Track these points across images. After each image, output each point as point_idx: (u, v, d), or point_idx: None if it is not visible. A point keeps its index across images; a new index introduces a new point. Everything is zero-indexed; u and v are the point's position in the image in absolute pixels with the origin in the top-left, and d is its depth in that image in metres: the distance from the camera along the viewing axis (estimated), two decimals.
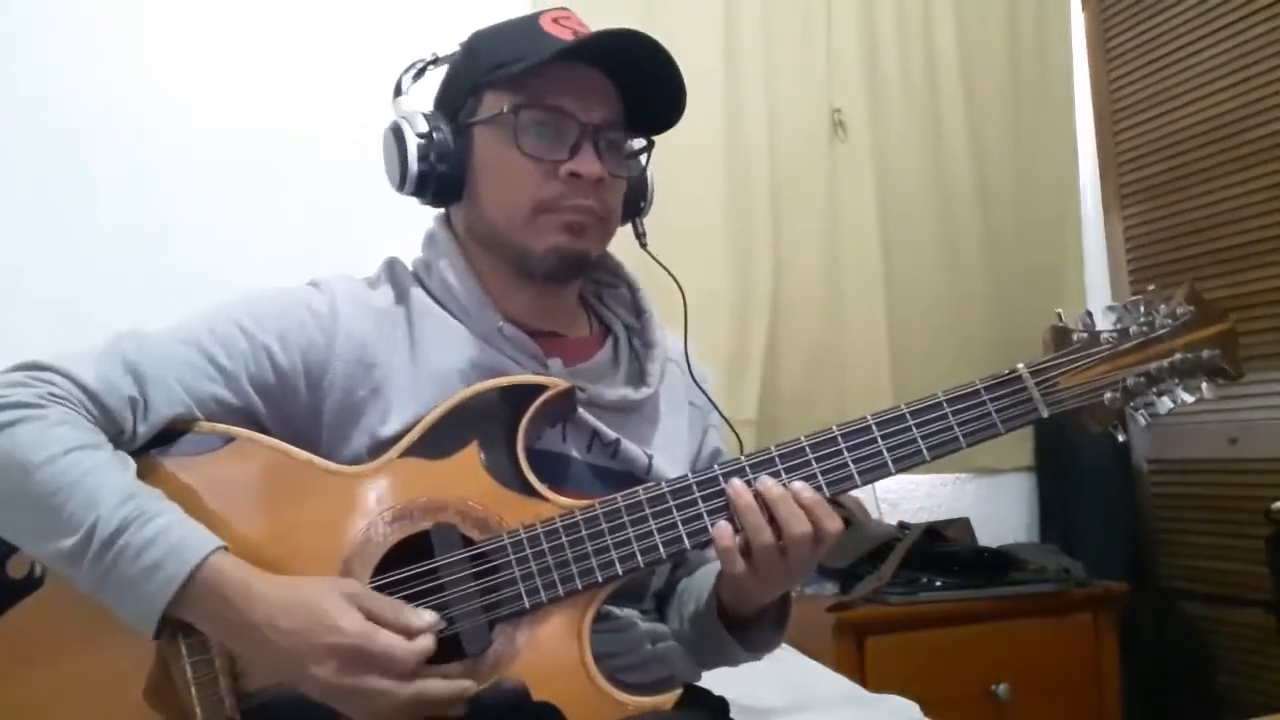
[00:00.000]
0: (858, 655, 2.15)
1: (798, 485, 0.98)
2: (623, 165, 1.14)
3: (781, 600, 1.10)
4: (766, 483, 0.98)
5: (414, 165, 1.10)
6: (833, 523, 0.98)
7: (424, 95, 1.17)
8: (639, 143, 1.18)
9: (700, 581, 1.17)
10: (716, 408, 1.25)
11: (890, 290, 2.67)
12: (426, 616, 0.92)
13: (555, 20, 1.10)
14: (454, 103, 1.13)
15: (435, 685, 0.90)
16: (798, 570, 1.00)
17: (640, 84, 1.10)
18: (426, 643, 0.91)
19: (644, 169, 1.19)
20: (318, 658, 0.88)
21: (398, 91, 1.16)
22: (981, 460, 2.74)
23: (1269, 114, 2.50)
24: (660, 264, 1.20)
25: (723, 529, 0.97)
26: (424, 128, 1.10)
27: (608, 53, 1.08)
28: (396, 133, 1.11)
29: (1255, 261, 2.54)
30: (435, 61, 1.16)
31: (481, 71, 1.10)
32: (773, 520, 0.97)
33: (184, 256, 2.13)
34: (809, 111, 2.64)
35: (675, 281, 1.20)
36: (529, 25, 1.10)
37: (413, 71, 1.17)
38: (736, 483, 0.98)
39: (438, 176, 1.11)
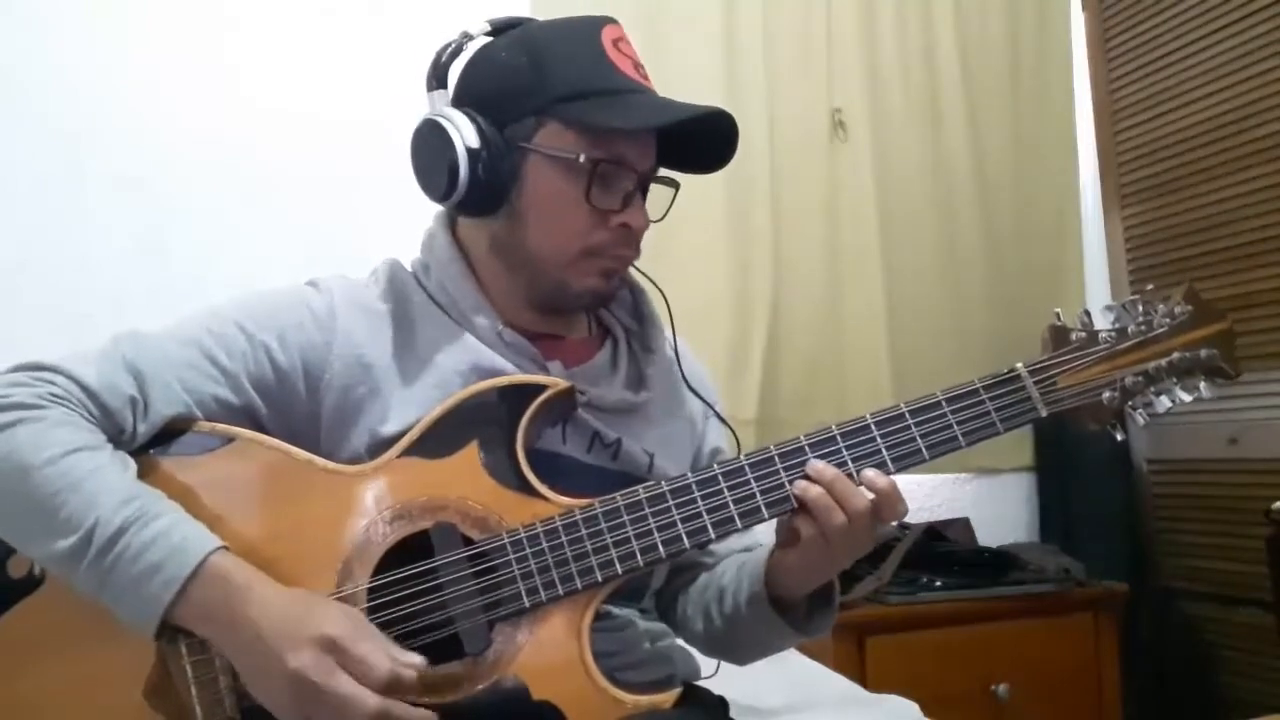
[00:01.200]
0: (858, 655, 2.15)
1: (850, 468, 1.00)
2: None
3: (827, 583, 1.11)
4: (818, 464, 0.99)
5: (464, 178, 1.05)
6: (901, 502, 1.00)
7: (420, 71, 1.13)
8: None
9: (726, 578, 1.16)
10: (714, 409, 1.24)
11: (890, 290, 2.67)
12: (414, 658, 0.90)
13: (615, 45, 1.09)
14: (508, 115, 1.07)
15: (402, 708, 0.88)
16: (861, 546, 1.02)
17: (691, 135, 1.10)
18: (408, 674, 0.88)
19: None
20: (295, 646, 0.87)
21: (441, 82, 1.11)
22: (981, 460, 2.74)
23: (1269, 114, 2.49)
24: (642, 273, 1.20)
25: (815, 495, 0.98)
26: (476, 141, 1.05)
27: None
28: (441, 135, 1.06)
29: (1255, 261, 2.54)
30: (469, 38, 1.12)
31: (552, 97, 1.06)
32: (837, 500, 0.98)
33: (183, 257, 2.13)
34: (809, 111, 2.63)
35: (658, 289, 1.20)
36: (592, 46, 1.07)
37: (446, 55, 1.12)
38: (817, 464, 0.99)
39: (482, 193, 1.07)
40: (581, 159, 1.05)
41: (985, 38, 2.83)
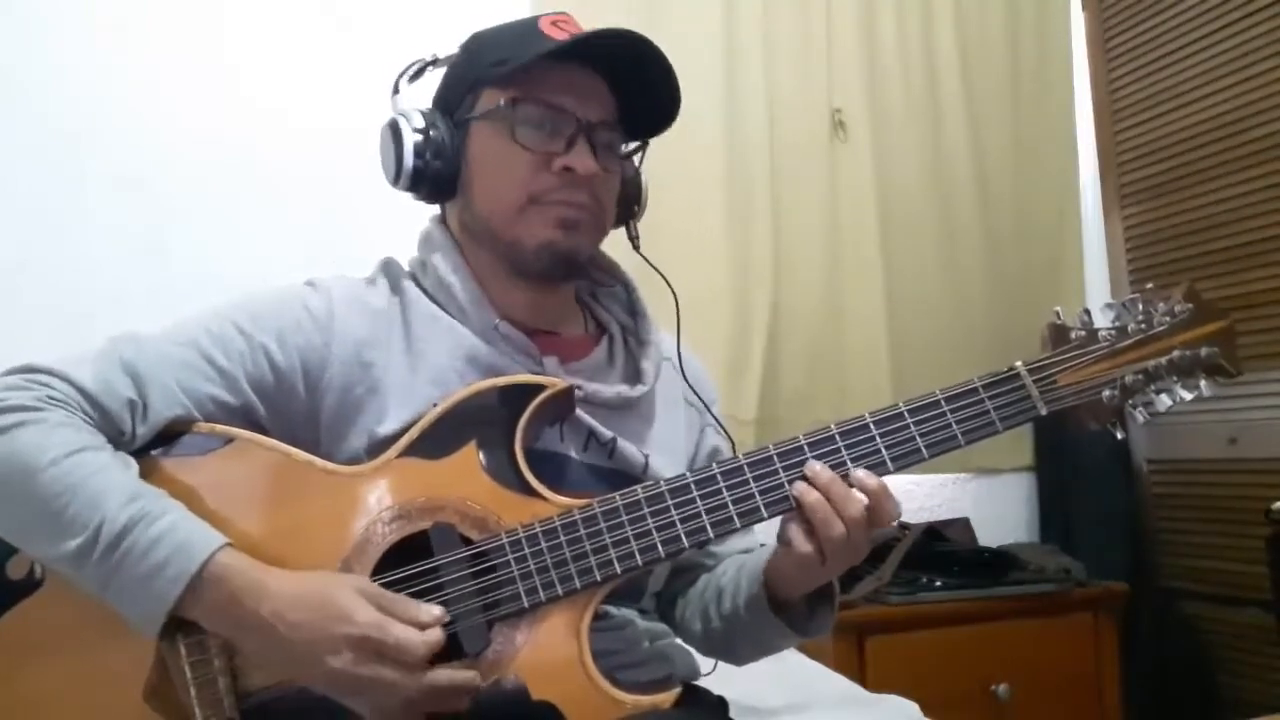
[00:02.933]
0: (858, 655, 2.15)
1: (847, 468, 1.00)
2: (616, 163, 1.15)
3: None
4: (815, 466, 0.99)
5: (409, 160, 1.10)
6: (892, 502, 0.99)
7: (423, 96, 1.17)
8: (632, 145, 1.19)
9: (725, 579, 1.17)
10: (710, 410, 1.24)
11: (890, 290, 2.67)
12: (434, 610, 0.93)
13: (554, 23, 1.11)
14: (452, 100, 1.14)
15: (443, 676, 0.91)
16: (857, 552, 1.01)
17: (637, 88, 1.12)
18: (437, 635, 0.91)
19: (638, 172, 1.20)
20: (333, 648, 0.88)
21: (396, 90, 1.16)
22: (981, 460, 2.74)
23: (1269, 114, 2.50)
24: (654, 267, 1.19)
25: (812, 500, 0.98)
26: (421, 124, 1.11)
27: (605, 57, 1.10)
28: (394, 128, 1.12)
29: (1255, 261, 2.54)
30: (435, 62, 1.17)
31: (480, 69, 1.12)
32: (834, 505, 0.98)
33: (183, 257, 2.13)
34: (809, 111, 2.64)
35: (669, 285, 1.20)
36: (528, 27, 1.11)
37: (411, 71, 1.17)
38: (814, 465, 0.99)
39: (433, 172, 1.11)
40: (502, 102, 1.09)
41: (985, 38, 2.83)
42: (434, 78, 1.18)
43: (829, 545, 0.98)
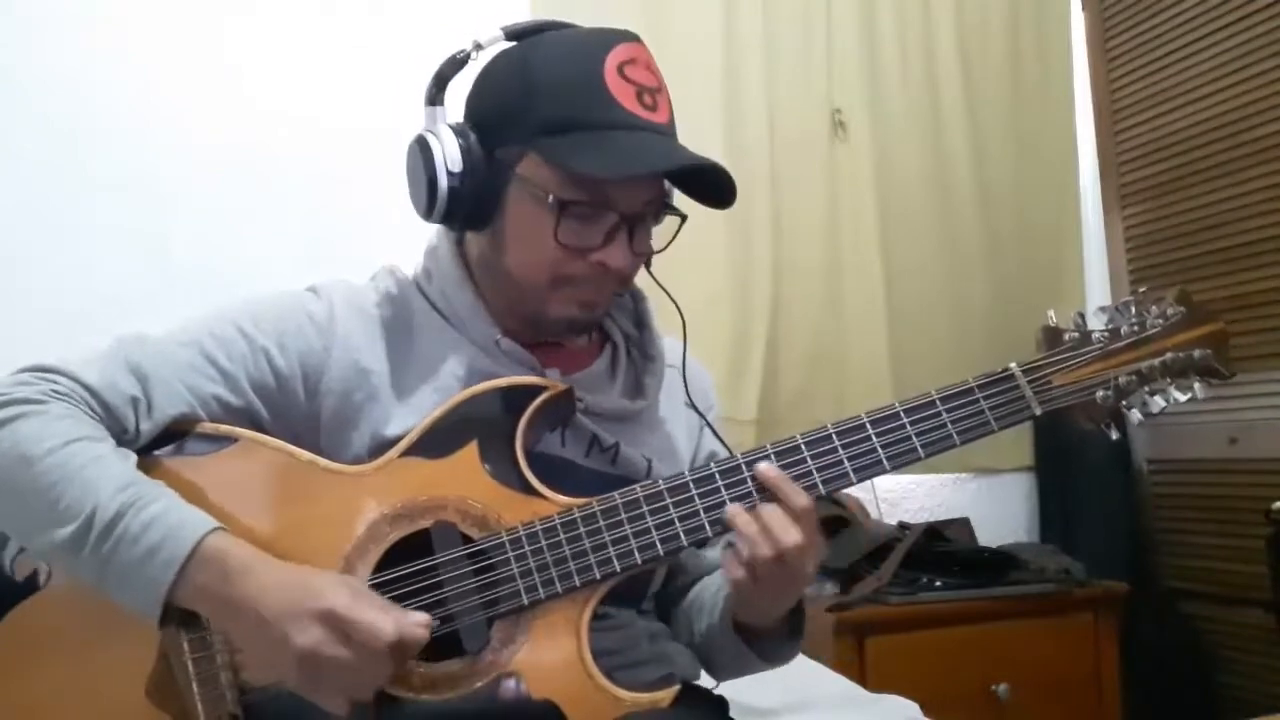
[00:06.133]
0: (858, 655, 2.15)
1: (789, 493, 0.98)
2: (650, 239, 1.11)
3: (795, 611, 1.09)
4: (760, 467, 0.99)
5: (443, 199, 1.05)
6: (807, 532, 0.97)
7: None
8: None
9: (706, 594, 1.18)
10: (706, 420, 1.23)
11: (890, 290, 2.68)
12: (420, 616, 0.91)
13: (620, 70, 1.03)
14: (497, 138, 1.05)
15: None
16: (799, 578, 1.00)
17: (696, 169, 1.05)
18: (413, 630, 0.89)
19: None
20: (300, 625, 0.87)
21: (438, 101, 1.10)
22: (981, 460, 2.75)
23: (1269, 114, 2.50)
24: (662, 287, 1.18)
25: (740, 520, 0.97)
26: (459, 163, 1.05)
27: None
28: (425, 152, 1.06)
29: (1255, 261, 2.54)
30: (479, 48, 1.10)
31: (534, 127, 1.03)
32: (767, 532, 0.97)
33: (183, 257, 2.14)
34: (809, 111, 2.64)
35: (676, 306, 1.16)
36: (590, 75, 1.02)
37: (450, 67, 1.11)
38: (732, 507, 0.98)
39: (465, 212, 1.07)
40: (550, 199, 1.02)
41: (985, 38, 2.84)
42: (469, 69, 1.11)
43: (760, 567, 0.97)
